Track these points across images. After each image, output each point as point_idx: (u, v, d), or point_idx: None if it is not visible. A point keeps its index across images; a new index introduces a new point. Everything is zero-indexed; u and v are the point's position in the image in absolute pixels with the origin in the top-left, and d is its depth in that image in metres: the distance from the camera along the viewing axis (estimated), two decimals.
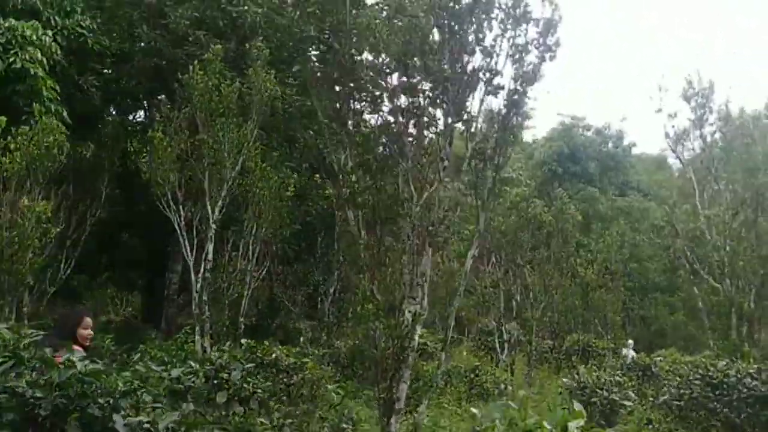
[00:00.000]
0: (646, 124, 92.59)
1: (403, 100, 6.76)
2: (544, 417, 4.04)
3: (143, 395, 4.85)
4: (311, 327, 16.66)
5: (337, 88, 7.05)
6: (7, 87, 11.93)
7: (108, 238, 19.13)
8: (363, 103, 7.24)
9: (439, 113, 6.74)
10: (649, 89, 47.12)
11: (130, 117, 17.45)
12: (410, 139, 6.64)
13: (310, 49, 11.46)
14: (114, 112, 16.81)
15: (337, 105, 7.09)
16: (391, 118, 6.85)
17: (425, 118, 6.83)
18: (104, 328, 18.56)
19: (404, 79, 6.79)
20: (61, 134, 9.96)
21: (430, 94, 6.74)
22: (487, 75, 6.87)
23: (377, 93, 6.91)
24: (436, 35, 6.83)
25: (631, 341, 20.16)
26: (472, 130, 6.93)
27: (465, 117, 6.76)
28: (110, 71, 15.77)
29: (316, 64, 9.64)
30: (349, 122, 7.12)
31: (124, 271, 20.55)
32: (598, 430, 4.21)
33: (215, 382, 6.17)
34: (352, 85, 6.89)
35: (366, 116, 7.27)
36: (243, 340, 7.99)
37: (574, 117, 42.23)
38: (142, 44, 15.77)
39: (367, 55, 7.13)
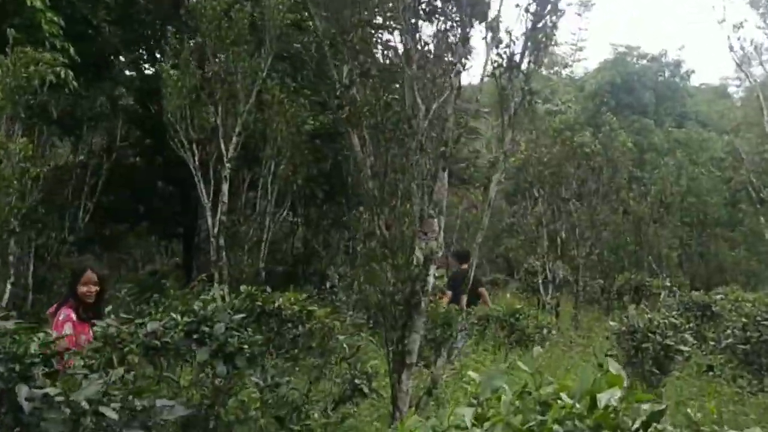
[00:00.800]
0: (705, 56, 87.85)
1: None
2: (569, 380, 2.97)
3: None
4: (345, 272, 15.86)
5: None
6: (4, 21, 11.12)
7: (143, 186, 18.62)
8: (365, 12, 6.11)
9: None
10: (710, 20, 44.02)
11: (144, 53, 16.45)
12: (419, 42, 5.51)
13: None
14: (128, 50, 15.85)
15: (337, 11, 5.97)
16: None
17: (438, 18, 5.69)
18: (133, 280, 18.25)
19: None
20: (54, 66, 9.10)
21: None
22: None
23: None
24: None
25: None
26: (496, 32, 5.75)
27: (486, 15, 5.57)
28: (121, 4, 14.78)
29: None
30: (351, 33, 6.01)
31: (163, 220, 20.03)
32: (645, 396, 2.92)
33: (195, 337, 5.27)
34: None
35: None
36: (242, 287, 7.12)
37: (628, 46, 39.88)
38: None
39: None
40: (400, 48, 5.50)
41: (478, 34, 5.80)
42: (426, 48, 5.56)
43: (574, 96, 39.26)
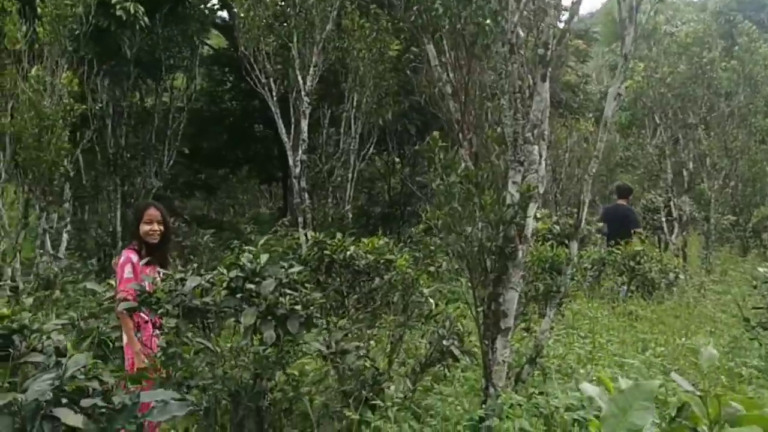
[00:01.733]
0: None
1: None
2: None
3: None
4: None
5: None
6: None
7: (242, 130, 18.16)
8: None
9: None
10: None
11: None
12: None
13: None
14: None
15: None
16: None
17: None
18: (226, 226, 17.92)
19: None
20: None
21: None
22: None
23: None
24: None
25: None
26: None
27: None
28: None
29: None
30: None
31: (263, 163, 19.60)
32: None
33: (239, 295, 4.33)
34: None
35: None
36: (308, 233, 6.17)
37: None
38: None
39: None
40: None
41: None
42: None
43: (696, 16, 35.73)
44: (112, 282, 6.12)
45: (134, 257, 4.96)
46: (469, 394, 4.85)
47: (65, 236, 7.08)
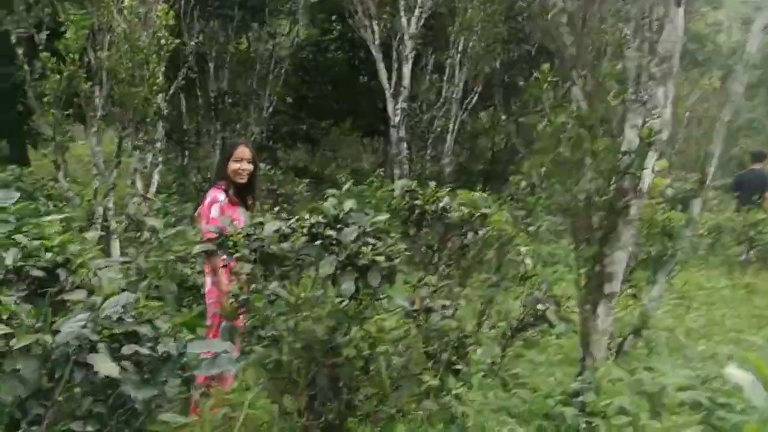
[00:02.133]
0: None
1: None
2: None
3: None
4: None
5: None
6: None
7: (346, 81, 17.95)
8: None
9: None
10: None
11: None
12: None
13: None
14: None
15: None
16: None
17: None
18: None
19: None
20: None
21: None
22: None
23: None
24: None
25: None
26: None
27: None
28: None
29: None
30: None
31: (366, 116, 19.33)
32: None
33: (318, 242, 3.97)
34: None
35: None
36: (401, 181, 5.74)
37: None
38: None
39: None
40: None
41: None
42: None
43: None
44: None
45: (221, 197, 4.73)
46: (563, 365, 4.36)
47: (156, 177, 6.98)
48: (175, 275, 6.41)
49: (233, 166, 4.67)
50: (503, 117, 14.75)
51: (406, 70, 9.43)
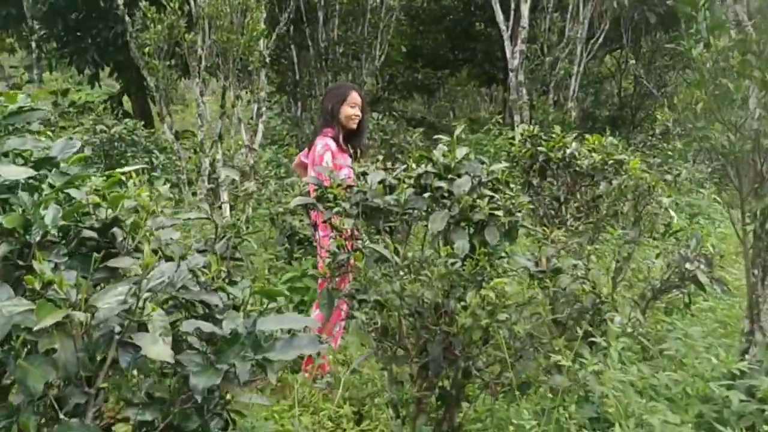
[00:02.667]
0: None
1: None
2: None
3: None
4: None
5: None
6: None
7: (462, 29, 17.33)
8: None
9: None
10: None
11: None
12: None
13: None
14: None
15: None
16: None
17: None
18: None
19: None
20: None
21: None
22: None
23: None
24: None
25: None
26: None
27: None
28: None
29: None
30: None
31: (483, 65, 18.66)
32: None
33: (427, 195, 3.51)
34: None
35: None
36: (522, 127, 5.13)
37: None
38: None
39: None
40: None
41: None
42: None
43: None
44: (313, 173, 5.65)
45: (333, 145, 4.38)
46: (720, 337, 3.70)
47: (261, 127, 6.72)
48: (285, 227, 6.17)
49: (347, 110, 4.45)
50: (631, 58, 13.61)
51: (525, 8, 8.67)
